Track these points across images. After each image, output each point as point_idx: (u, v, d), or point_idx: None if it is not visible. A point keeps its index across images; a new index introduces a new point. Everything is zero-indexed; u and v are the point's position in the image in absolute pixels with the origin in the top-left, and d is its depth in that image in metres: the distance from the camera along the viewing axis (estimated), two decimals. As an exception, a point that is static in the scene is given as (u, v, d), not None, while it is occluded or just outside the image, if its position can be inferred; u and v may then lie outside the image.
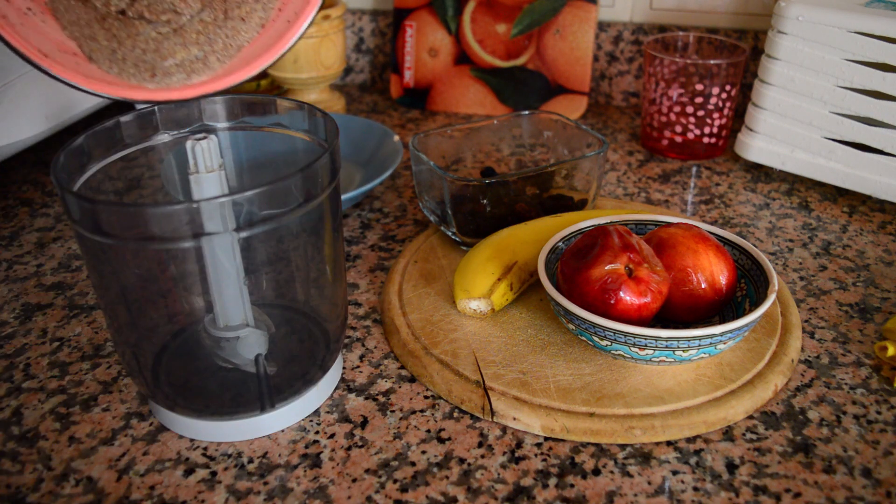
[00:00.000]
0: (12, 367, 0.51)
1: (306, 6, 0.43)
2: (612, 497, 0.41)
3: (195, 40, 0.40)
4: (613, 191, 0.74)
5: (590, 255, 0.47)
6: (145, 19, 0.40)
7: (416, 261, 0.60)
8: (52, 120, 0.71)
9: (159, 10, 0.40)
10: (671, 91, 0.78)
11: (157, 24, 0.40)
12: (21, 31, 0.39)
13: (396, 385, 0.49)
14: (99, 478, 0.42)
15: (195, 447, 0.44)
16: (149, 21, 0.40)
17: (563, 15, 0.90)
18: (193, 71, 0.41)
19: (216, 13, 0.40)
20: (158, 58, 0.40)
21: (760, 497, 0.41)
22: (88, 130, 0.43)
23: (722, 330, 0.43)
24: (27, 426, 0.46)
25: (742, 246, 0.52)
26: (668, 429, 0.44)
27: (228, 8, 0.41)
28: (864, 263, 0.61)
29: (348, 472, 0.43)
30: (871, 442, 0.44)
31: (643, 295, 0.45)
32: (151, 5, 0.39)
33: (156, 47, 0.40)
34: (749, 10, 0.88)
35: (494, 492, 0.41)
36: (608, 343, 0.45)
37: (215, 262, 0.42)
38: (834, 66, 0.67)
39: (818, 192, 0.73)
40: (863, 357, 0.51)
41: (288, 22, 0.42)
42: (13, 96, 0.68)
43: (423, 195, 0.63)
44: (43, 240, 0.67)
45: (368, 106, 0.98)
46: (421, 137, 0.64)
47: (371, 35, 1.01)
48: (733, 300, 0.51)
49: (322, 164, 0.40)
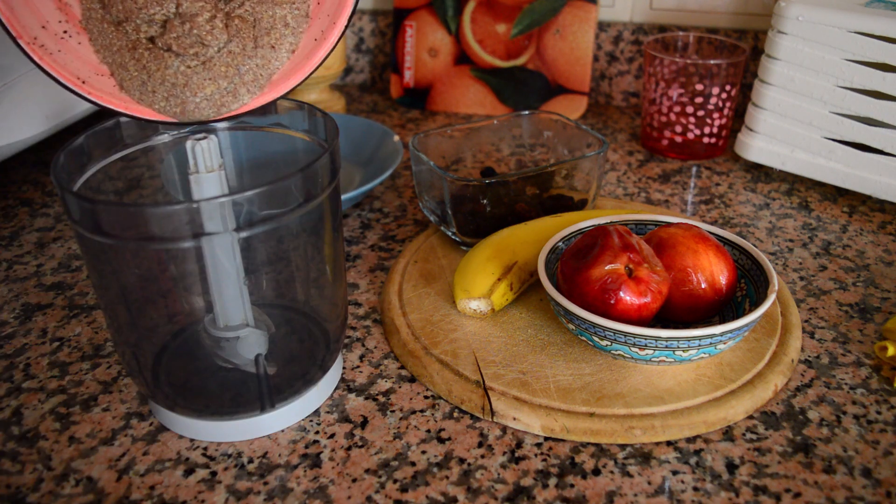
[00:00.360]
0: (12, 367, 0.51)
1: (333, 26, 0.42)
2: (612, 497, 0.41)
3: (224, 73, 0.40)
4: (613, 191, 0.74)
5: (590, 255, 0.47)
6: (173, 52, 0.40)
7: (416, 261, 0.60)
8: (52, 120, 0.71)
9: (187, 43, 0.39)
10: (671, 91, 0.78)
11: (186, 58, 0.40)
12: (58, 58, 0.39)
13: (396, 385, 0.49)
14: (99, 478, 0.42)
15: (195, 447, 0.44)
16: (177, 54, 0.39)
17: (563, 15, 0.90)
18: (223, 105, 0.41)
19: (244, 42, 0.40)
20: (189, 92, 0.40)
21: (760, 497, 0.41)
22: (88, 130, 0.43)
23: (722, 330, 0.43)
24: (27, 426, 0.46)
25: (742, 246, 0.52)
26: (668, 429, 0.44)
27: (258, 35, 0.40)
28: (864, 263, 0.61)
29: (348, 472, 0.43)
30: (871, 442, 0.44)
31: (643, 295, 0.45)
32: (180, 38, 0.39)
33: (185, 81, 0.40)
34: (749, 10, 0.88)
35: (494, 492, 0.41)
36: (608, 343, 0.45)
37: (215, 262, 0.42)
38: (834, 66, 0.67)
39: (818, 192, 0.73)
40: (863, 357, 0.51)
41: (315, 41, 0.42)
42: (13, 96, 0.68)
43: (423, 195, 0.63)
44: (43, 240, 0.67)
45: (368, 106, 0.98)
46: (421, 137, 0.64)
47: (371, 35, 1.01)
48: (733, 300, 0.51)
49: (322, 164, 0.40)
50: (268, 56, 0.41)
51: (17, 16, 0.38)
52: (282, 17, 0.41)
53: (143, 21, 0.39)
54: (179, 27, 0.39)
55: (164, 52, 0.40)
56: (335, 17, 0.42)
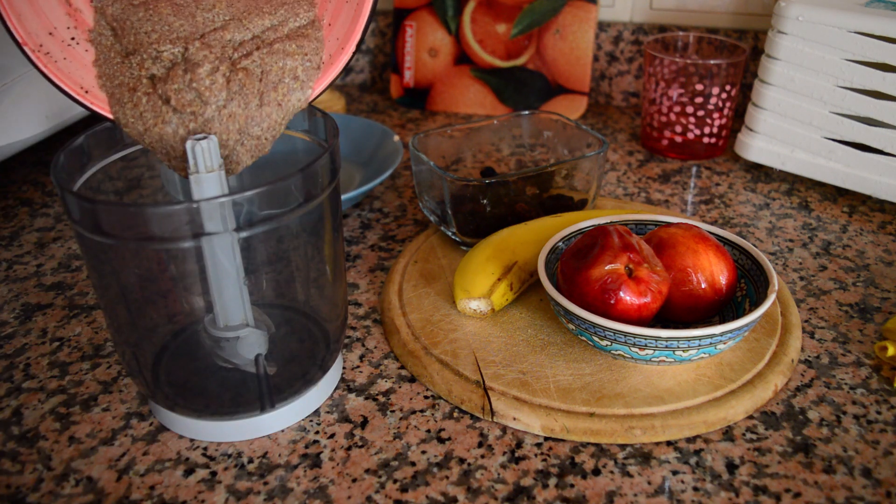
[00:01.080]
0: (12, 367, 0.51)
1: (329, 68, 0.41)
2: (612, 497, 0.41)
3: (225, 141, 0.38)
4: (613, 191, 0.74)
5: (590, 255, 0.47)
6: (171, 107, 0.38)
7: (416, 261, 0.60)
8: (52, 120, 0.71)
9: (186, 99, 0.37)
10: (671, 91, 0.78)
11: (184, 116, 0.38)
12: (63, 66, 0.38)
13: (396, 385, 0.49)
14: (99, 478, 0.42)
15: (195, 447, 0.44)
16: (175, 109, 0.38)
17: (563, 15, 0.90)
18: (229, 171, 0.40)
19: (248, 100, 0.37)
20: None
21: (760, 497, 0.41)
22: (88, 130, 0.43)
23: (722, 330, 0.43)
24: (27, 426, 0.46)
25: (742, 246, 0.52)
26: (668, 429, 0.44)
27: (264, 91, 0.38)
28: (864, 263, 0.61)
29: (348, 472, 0.43)
30: (871, 442, 0.44)
31: (643, 295, 0.45)
32: (180, 91, 0.37)
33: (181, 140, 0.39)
34: (749, 10, 0.88)
35: (494, 492, 0.41)
36: (608, 343, 0.45)
37: (215, 262, 0.42)
38: (834, 66, 0.67)
39: (818, 192, 0.73)
40: (863, 357, 0.51)
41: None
42: (13, 96, 0.68)
43: (423, 195, 0.63)
44: (43, 240, 0.67)
45: (368, 106, 0.98)
46: (421, 137, 0.64)
47: (371, 35, 1.01)
48: (733, 300, 0.51)
49: (322, 164, 0.40)
50: (272, 114, 0.38)
51: (24, 22, 0.37)
52: (291, 70, 0.38)
53: (151, 57, 0.38)
54: (181, 77, 0.37)
55: (162, 105, 0.38)
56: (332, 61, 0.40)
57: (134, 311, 0.44)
